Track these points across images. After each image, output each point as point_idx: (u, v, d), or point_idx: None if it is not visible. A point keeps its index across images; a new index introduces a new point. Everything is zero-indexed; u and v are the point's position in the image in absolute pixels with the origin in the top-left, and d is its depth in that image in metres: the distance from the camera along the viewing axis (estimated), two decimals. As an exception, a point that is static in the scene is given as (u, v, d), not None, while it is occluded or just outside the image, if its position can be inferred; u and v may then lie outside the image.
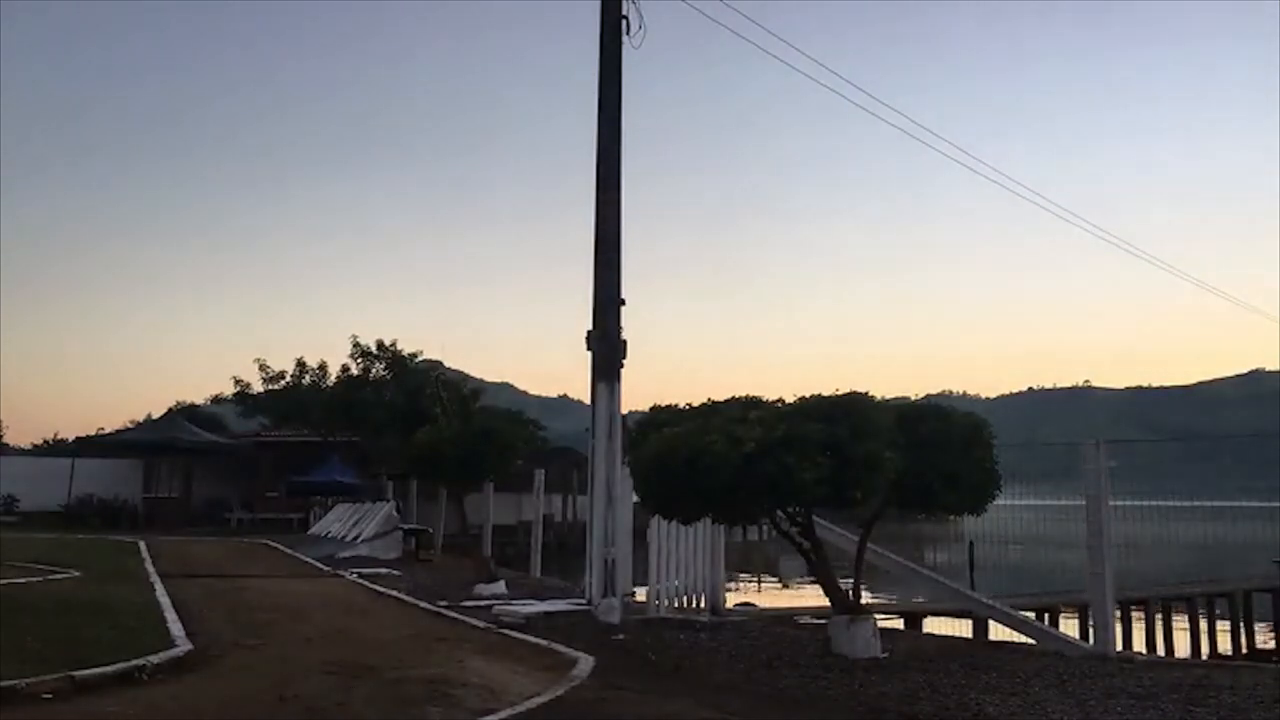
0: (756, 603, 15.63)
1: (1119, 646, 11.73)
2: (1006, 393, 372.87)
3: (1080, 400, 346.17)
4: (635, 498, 10.23)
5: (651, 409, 9.89)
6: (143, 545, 19.80)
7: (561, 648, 8.41)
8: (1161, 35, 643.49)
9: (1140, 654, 13.83)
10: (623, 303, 11.78)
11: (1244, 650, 20.56)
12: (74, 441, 41.67)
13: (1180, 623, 20.70)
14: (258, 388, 33.28)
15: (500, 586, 13.37)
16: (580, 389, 12.30)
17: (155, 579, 13.40)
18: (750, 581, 27.85)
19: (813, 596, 15.85)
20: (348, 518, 24.27)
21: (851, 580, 9.21)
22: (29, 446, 60.18)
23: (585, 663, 7.70)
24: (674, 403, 9.66)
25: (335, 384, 32.42)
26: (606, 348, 11.64)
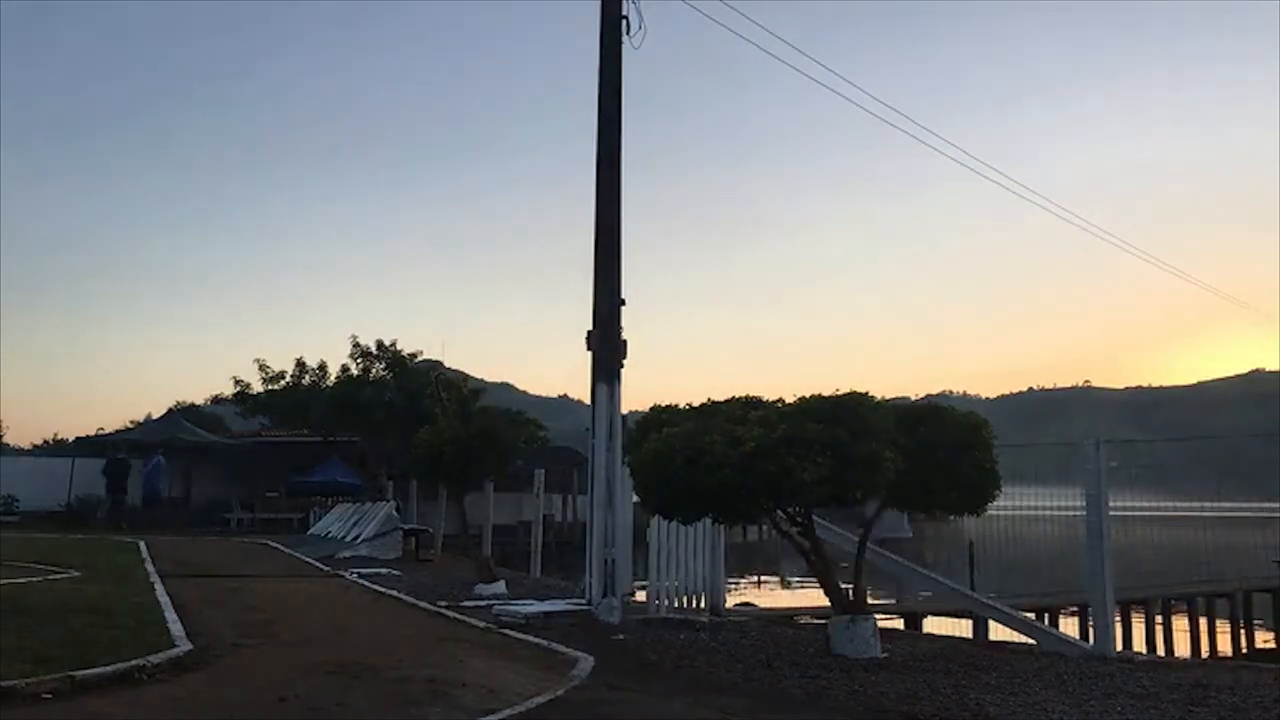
0: (756, 603, 15.67)
1: (1119, 646, 11.75)
2: (1006, 393, 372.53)
3: (1080, 400, 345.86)
4: (635, 498, 10.24)
5: (651, 409, 9.90)
6: (143, 545, 19.79)
7: (561, 648, 8.41)
8: (1162, 32, 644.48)
9: (1140, 654, 13.82)
10: (623, 303, 11.77)
11: (1244, 650, 20.57)
12: (74, 441, 41.62)
13: (1180, 623, 20.71)
14: (258, 388, 33.24)
15: (500, 586, 13.37)
16: (580, 389, 12.28)
17: (155, 579, 13.38)
18: (750, 581, 27.84)
19: (813, 596, 15.84)
20: (348, 518, 24.27)
21: (851, 580, 9.22)
22: (29, 446, 60.13)
23: (585, 663, 7.71)
24: (674, 403, 9.67)
25: (335, 384, 32.43)
26: (606, 348, 11.64)
